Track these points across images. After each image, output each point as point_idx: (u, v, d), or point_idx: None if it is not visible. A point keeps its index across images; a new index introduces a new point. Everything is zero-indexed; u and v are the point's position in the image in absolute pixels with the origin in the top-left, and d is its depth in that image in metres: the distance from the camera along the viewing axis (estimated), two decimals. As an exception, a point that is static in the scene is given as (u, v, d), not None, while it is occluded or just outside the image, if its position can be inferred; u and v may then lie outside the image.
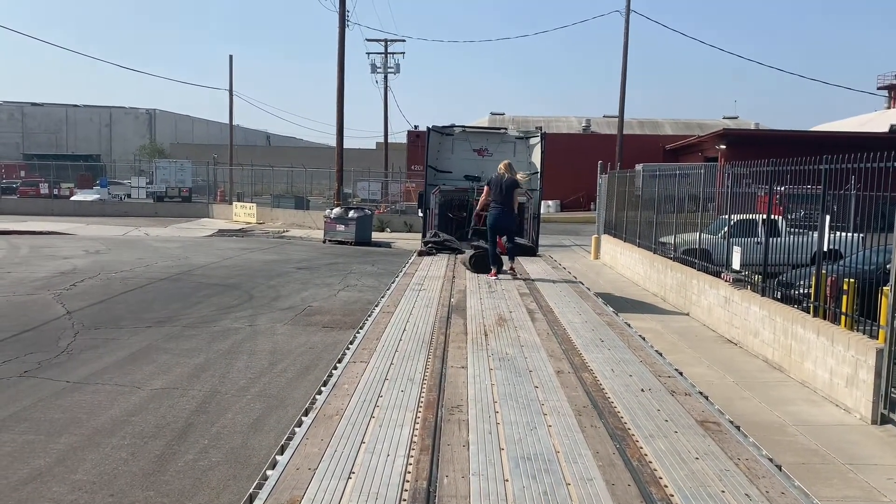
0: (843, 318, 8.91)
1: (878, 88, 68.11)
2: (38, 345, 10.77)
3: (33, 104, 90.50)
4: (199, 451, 7.01)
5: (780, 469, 3.57)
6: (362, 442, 3.69)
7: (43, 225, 31.82)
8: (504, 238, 10.89)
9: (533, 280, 10.14)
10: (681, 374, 5.33)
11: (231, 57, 49.63)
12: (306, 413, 4.20)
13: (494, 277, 10.11)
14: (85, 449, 6.97)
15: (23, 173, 55.79)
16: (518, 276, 10.48)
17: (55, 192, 43.94)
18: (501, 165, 11.02)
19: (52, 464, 6.62)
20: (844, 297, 8.92)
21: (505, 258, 10.75)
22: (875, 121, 51.49)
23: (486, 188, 11.21)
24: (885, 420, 7.76)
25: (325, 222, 28.16)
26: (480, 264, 10.60)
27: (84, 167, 55.38)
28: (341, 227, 27.24)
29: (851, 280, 8.85)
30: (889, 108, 61.82)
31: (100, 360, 10.07)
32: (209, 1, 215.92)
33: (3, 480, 6.27)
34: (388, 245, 27.81)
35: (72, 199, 44.02)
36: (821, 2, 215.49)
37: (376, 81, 52.14)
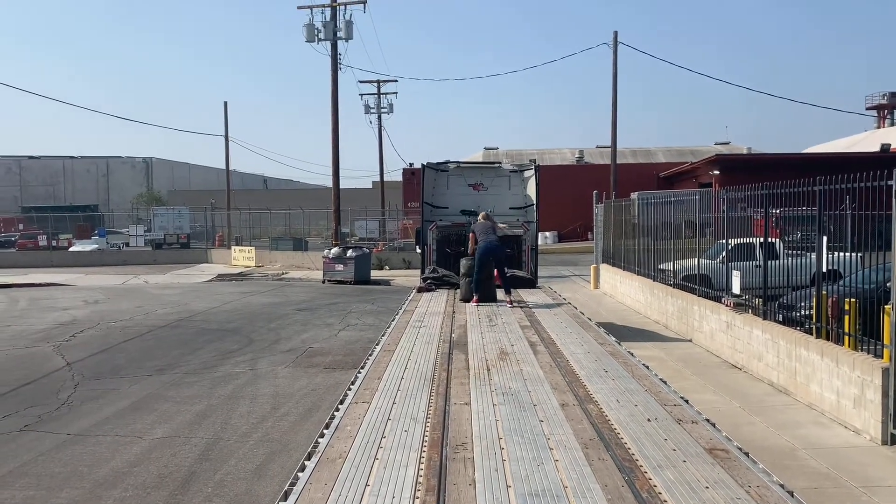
0: (846, 338, 8.86)
1: (867, 108, 68.83)
2: (37, 398, 10.67)
3: (30, 157, 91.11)
4: (203, 499, 6.90)
5: (793, 495, 3.51)
6: (367, 485, 3.63)
7: (42, 277, 31.80)
8: (498, 271, 11.80)
9: (533, 312, 10.11)
10: (686, 401, 5.28)
11: (226, 103, 50.21)
12: (309, 457, 4.14)
13: (476, 304, 11.06)
14: (87, 503, 6.86)
15: (21, 226, 56.04)
16: (516, 305, 10.66)
17: (53, 243, 44.00)
18: (481, 216, 12.52)
19: (53, 519, 6.51)
20: (846, 317, 8.89)
21: (501, 291, 11.08)
22: (865, 140, 51.91)
23: (472, 235, 12.38)
24: (895, 440, 7.67)
25: (323, 262, 28.17)
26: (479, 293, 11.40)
27: (82, 217, 55.50)
28: (340, 267, 27.24)
29: (852, 300, 8.82)
30: (879, 127, 62.38)
31: (100, 411, 9.97)
32: (201, 48, 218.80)
33: (3, 538, 6.16)
34: (387, 283, 27.77)
35: (70, 249, 44.07)
36: (808, 24, 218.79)
37: (370, 122, 52.76)
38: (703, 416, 4.91)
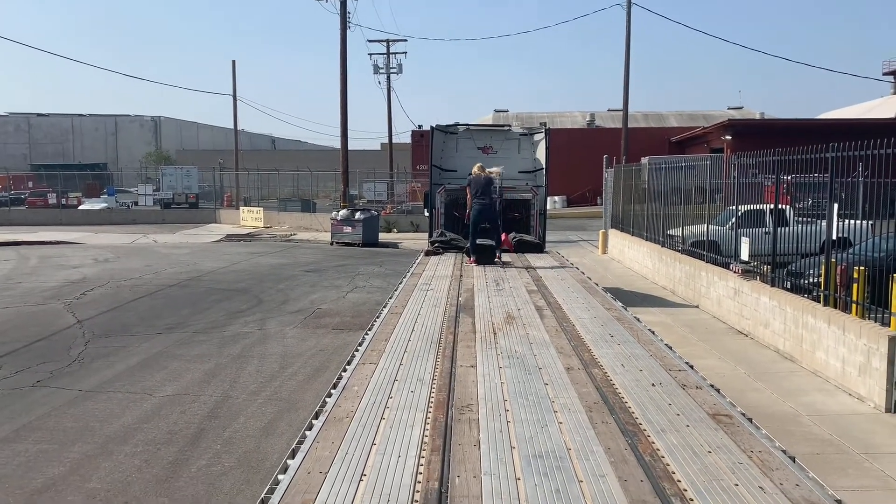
0: (853, 306, 8.85)
1: (884, 74, 67.64)
2: (49, 354, 10.82)
3: (39, 115, 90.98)
4: (212, 456, 7.02)
5: (794, 461, 3.54)
6: (373, 444, 3.68)
7: (52, 235, 31.98)
8: (492, 231, 11.96)
9: (540, 276, 10.12)
10: (691, 367, 5.31)
11: (234, 62, 49.91)
12: (316, 416, 4.20)
13: (473, 264, 11.25)
14: (98, 457, 7.00)
15: (31, 184, 56.13)
16: (503, 262, 11.47)
17: (63, 201, 44.13)
18: (475, 167, 12.26)
19: (66, 473, 6.65)
20: (855, 286, 8.86)
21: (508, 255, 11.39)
22: (881, 107, 51.17)
23: (467, 189, 12.33)
24: (899, 408, 7.71)
25: (331, 224, 28.19)
26: (482, 256, 11.56)
27: (91, 176, 55.64)
28: (348, 229, 27.27)
29: (861, 268, 8.79)
30: (895, 93, 61.40)
31: (111, 368, 10.11)
32: (210, 6, 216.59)
33: (18, 490, 6.30)
34: (395, 245, 27.82)
35: (79, 208, 44.25)
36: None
37: (379, 82, 52.17)
38: (708, 381, 4.93)
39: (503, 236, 12.73)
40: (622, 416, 4.11)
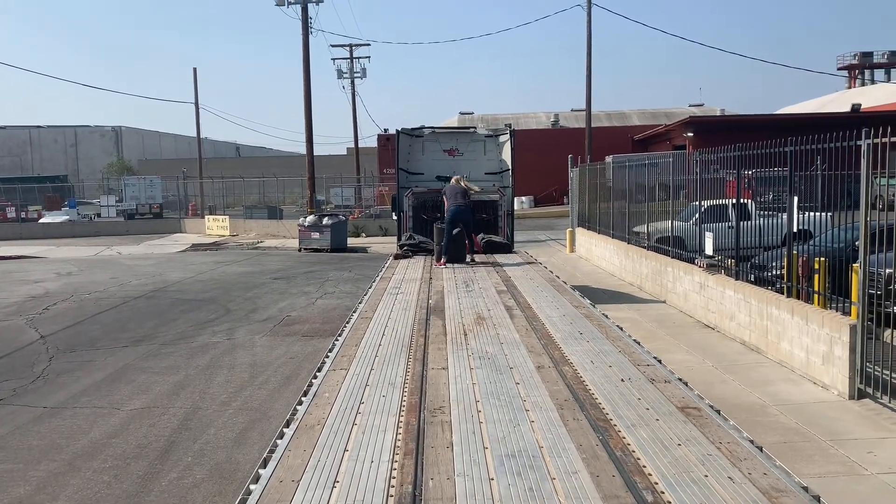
0: (816, 296, 9.04)
1: (838, 69, 69.38)
2: (12, 371, 10.58)
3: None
4: (183, 468, 6.93)
5: (762, 450, 3.61)
6: (345, 450, 3.67)
7: (11, 250, 31.27)
8: (464, 232, 12.48)
9: (510, 276, 10.16)
10: (659, 361, 5.37)
11: (195, 70, 49.26)
12: (287, 424, 4.17)
13: (443, 266, 11.54)
14: (66, 475, 6.86)
15: (-12, 198, 54.80)
16: (478, 263, 11.88)
17: (23, 215, 43.13)
18: (454, 179, 13.03)
19: (32, 492, 6.51)
20: (816, 276, 9.05)
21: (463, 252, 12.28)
22: (836, 101, 52.38)
23: (444, 198, 12.92)
24: (861, 395, 7.89)
25: (299, 231, 28.00)
26: (455, 252, 12.01)
27: (51, 188, 54.42)
28: (316, 235, 27.10)
29: (822, 259, 8.98)
30: (849, 87, 62.89)
31: (77, 383, 9.92)
32: (170, 13, 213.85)
33: (-18, 512, 6.15)
34: (364, 250, 27.72)
35: (40, 221, 43.24)
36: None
37: (343, 87, 51.76)
38: (676, 375, 5.00)
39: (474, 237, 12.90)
40: (593, 413, 4.15)
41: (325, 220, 27.47)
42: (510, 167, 15.02)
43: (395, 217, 16.34)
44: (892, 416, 7.41)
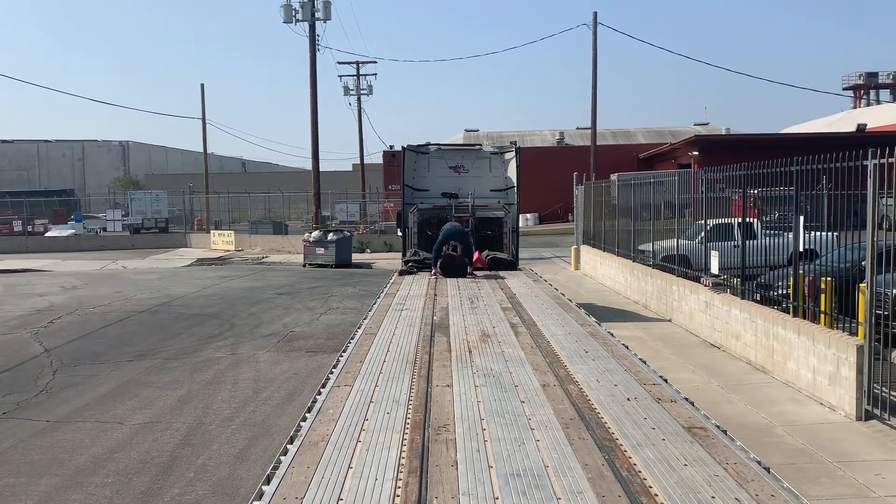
0: (822, 316, 9.00)
1: (844, 89, 69.53)
2: (16, 385, 10.57)
3: (3, 141, 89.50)
4: (186, 484, 6.89)
5: (769, 471, 3.57)
6: (349, 467, 3.64)
7: (17, 263, 31.36)
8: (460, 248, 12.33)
9: (514, 294, 10.14)
10: (666, 381, 5.34)
11: (203, 85, 49.71)
12: (291, 441, 4.14)
13: (434, 277, 11.59)
14: (68, 489, 6.83)
15: (-5, 211, 55.07)
16: (480, 278, 11.67)
17: (29, 228, 43.34)
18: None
19: (34, 506, 6.48)
20: (822, 296, 9.02)
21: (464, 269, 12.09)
22: (842, 121, 52.39)
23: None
24: (869, 416, 7.82)
25: (304, 246, 28.04)
26: (449, 270, 11.75)
27: (58, 202, 54.73)
28: (321, 250, 27.12)
29: (829, 278, 8.94)
30: (854, 107, 62.97)
31: (80, 397, 9.90)
32: (179, 30, 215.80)
33: (-17, 526, 6.12)
34: (368, 266, 27.73)
35: (46, 235, 43.45)
36: (785, 5, 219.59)
37: (350, 104, 52.34)
38: (682, 394, 4.96)
39: (476, 254, 12.78)
40: (598, 432, 4.11)
41: (330, 236, 27.51)
42: (515, 184, 15.04)
43: (400, 233, 16.34)
44: (899, 438, 7.35)
